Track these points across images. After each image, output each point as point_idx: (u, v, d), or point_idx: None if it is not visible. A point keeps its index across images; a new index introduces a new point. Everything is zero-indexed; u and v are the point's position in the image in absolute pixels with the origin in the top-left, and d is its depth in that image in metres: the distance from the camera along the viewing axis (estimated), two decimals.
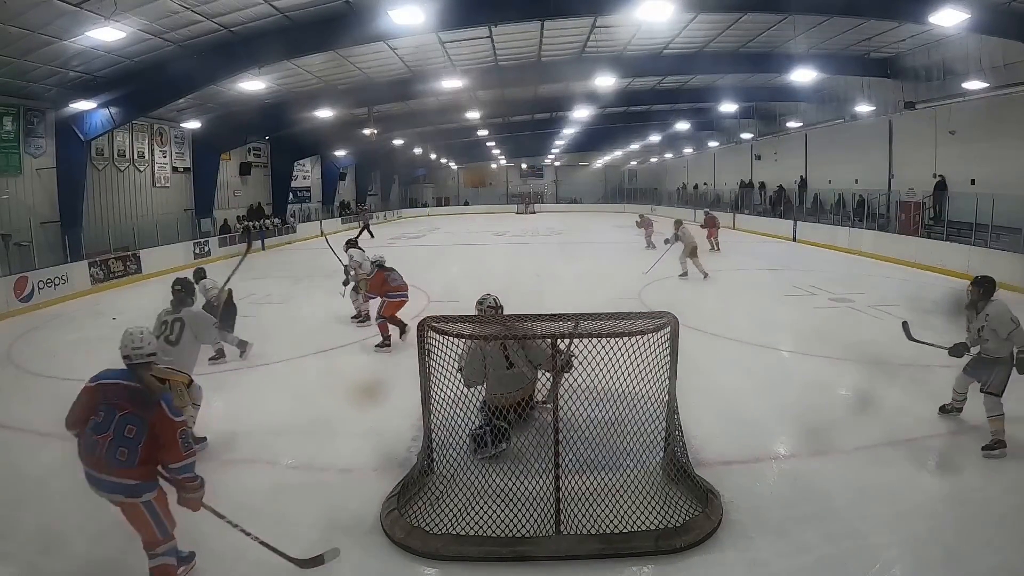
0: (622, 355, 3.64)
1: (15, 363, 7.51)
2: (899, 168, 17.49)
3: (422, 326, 3.91)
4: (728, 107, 21.94)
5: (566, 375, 3.83)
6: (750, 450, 4.55)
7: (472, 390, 4.44)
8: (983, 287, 4.74)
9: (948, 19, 10.31)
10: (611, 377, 3.63)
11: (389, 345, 7.42)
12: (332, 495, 4.04)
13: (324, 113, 17.92)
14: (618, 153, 40.14)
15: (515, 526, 3.44)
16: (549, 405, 4.12)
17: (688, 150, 33.24)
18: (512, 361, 4.54)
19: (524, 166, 45.99)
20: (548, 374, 4.14)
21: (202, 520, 3.71)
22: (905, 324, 5.41)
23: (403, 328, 7.59)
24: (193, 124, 18.18)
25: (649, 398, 3.82)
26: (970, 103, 13.71)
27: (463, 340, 4.09)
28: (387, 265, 7.77)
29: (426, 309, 9.68)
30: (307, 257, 18.35)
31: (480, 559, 3.31)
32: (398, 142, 28.14)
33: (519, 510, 3.52)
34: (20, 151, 13.01)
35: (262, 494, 4.04)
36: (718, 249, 16.63)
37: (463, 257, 15.93)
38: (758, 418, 5.17)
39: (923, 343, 5.13)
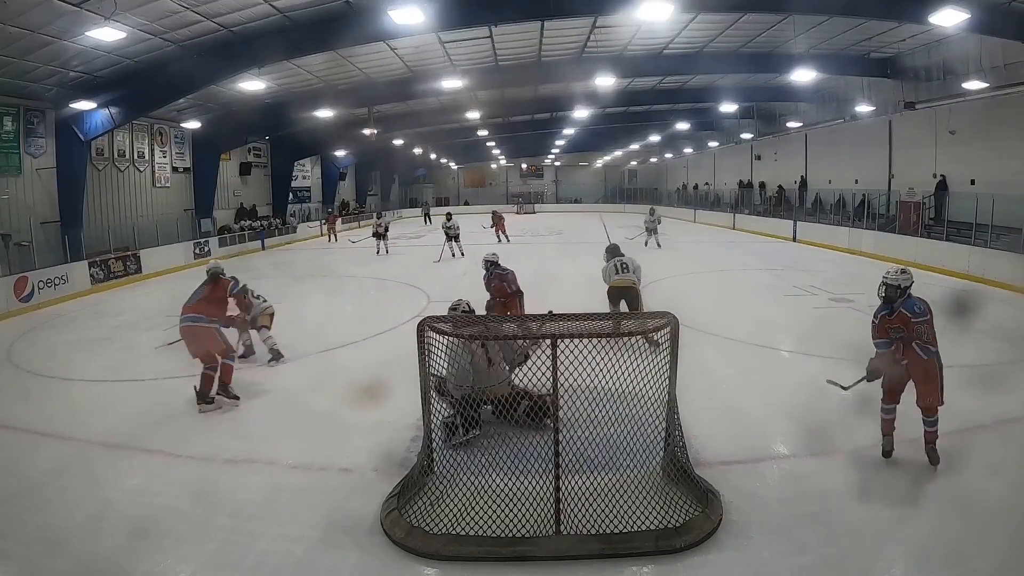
0: (622, 355, 3.64)
1: (15, 363, 7.50)
2: (899, 168, 17.49)
3: (422, 326, 3.91)
4: (728, 107, 21.94)
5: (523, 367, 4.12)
6: (750, 450, 4.55)
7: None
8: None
9: (948, 19, 10.30)
10: (611, 377, 3.63)
11: None
12: (332, 495, 4.04)
13: (324, 113, 17.92)
14: (618, 153, 40.11)
15: (515, 526, 3.44)
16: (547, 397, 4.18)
17: (688, 150, 33.24)
18: (491, 358, 4.82)
19: (524, 166, 45.99)
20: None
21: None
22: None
23: None
24: (193, 124, 18.17)
25: (649, 398, 3.82)
26: (970, 103, 13.70)
27: (445, 348, 4.28)
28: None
29: (426, 309, 9.68)
30: (307, 257, 18.35)
31: (480, 559, 3.31)
32: (398, 142, 28.13)
33: (519, 510, 3.52)
34: (20, 151, 13.01)
35: (262, 494, 4.04)
36: None
37: (464, 257, 15.92)
38: (758, 418, 5.17)
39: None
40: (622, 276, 7.80)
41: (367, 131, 20.46)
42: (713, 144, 29.98)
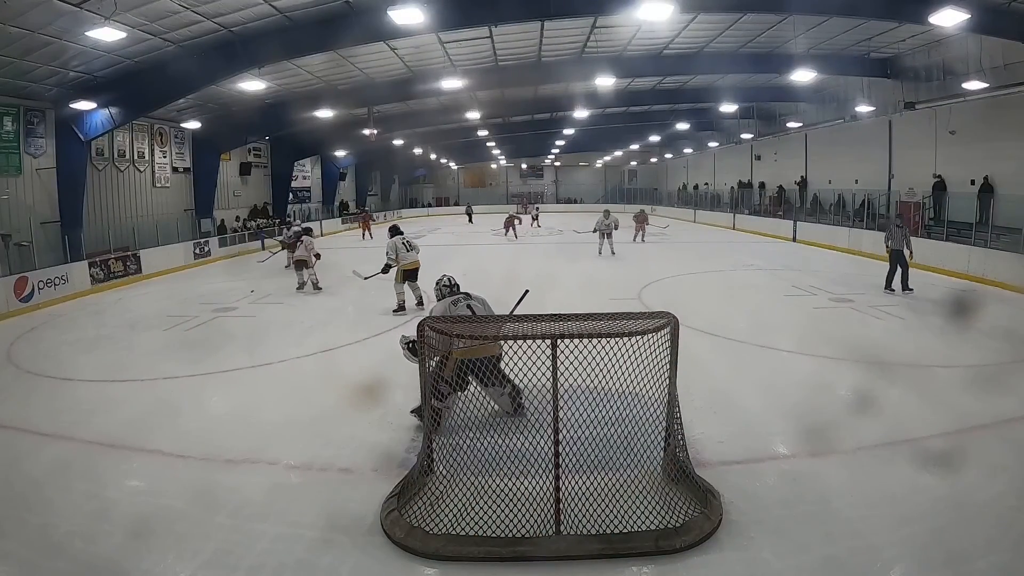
0: (622, 355, 3.64)
1: (15, 363, 7.50)
2: (899, 168, 17.50)
3: (422, 326, 3.91)
4: (728, 107, 21.95)
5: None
6: (750, 450, 4.55)
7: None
8: None
9: (948, 19, 10.31)
10: (611, 377, 3.63)
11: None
12: (332, 495, 4.04)
13: (324, 113, 17.92)
14: (618, 153, 40.15)
15: (515, 526, 3.44)
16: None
17: (688, 150, 33.26)
18: (475, 312, 5.02)
19: (524, 166, 46.01)
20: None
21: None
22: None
23: None
24: (193, 124, 18.18)
25: (649, 398, 3.82)
26: (970, 103, 13.71)
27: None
28: None
29: (426, 308, 9.68)
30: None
31: (480, 559, 3.31)
32: (398, 142, 28.14)
33: (519, 510, 3.52)
34: (20, 151, 13.01)
35: (262, 494, 4.04)
36: None
37: (463, 257, 15.89)
38: (758, 418, 5.17)
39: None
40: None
41: (367, 131, 20.46)
42: (713, 144, 30.00)
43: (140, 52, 11.91)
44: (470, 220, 33.65)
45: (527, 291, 5.67)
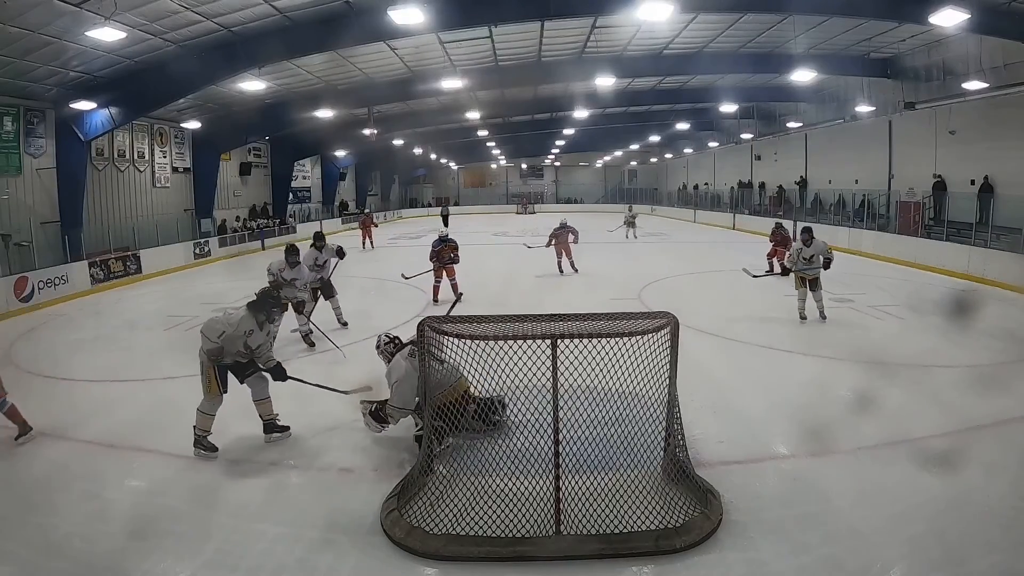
0: (622, 355, 3.64)
1: (15, 363, 7.49)
2: (899, 168, 17.50)
3: (422, 326, 3.91)
4: (728, 107, 21.95)
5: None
6: (750, 450, 4.55)
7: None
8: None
9: (948, 19, 10.31)
10: (611, 377, 3.63)
11: None
12: (332, 495, 4.04)
13: (324, 113, 17.91)
14: (618, 153, 40.14)
15: (515, 526, 3.44)
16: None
17: (688, 150, 33.26)
18: (440, 358, 4.29)
19: (524, 166, 46.01)
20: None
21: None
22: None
23: None
24: (193, 124, 18.18)
25: (649, 398, 3.82)
26: (970, 103, 13.71)
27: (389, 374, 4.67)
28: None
29: (426, 309, 9.68)
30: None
31: (480, 559, 3.31)
32: (398, 142, 28.13)
33: (519, 510, 3.52)
34: (20, 151, 13.02)
35: (262, 494, 4.05)
36: None
37: (463, 257, 15.83)
38: (758, 418, 5.17)
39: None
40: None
41: (367, 131, 20.46)
42: (713, 144, 29.99)
43: (140, 52, 11.91)
44: (445, 225, 27.24)
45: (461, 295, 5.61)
